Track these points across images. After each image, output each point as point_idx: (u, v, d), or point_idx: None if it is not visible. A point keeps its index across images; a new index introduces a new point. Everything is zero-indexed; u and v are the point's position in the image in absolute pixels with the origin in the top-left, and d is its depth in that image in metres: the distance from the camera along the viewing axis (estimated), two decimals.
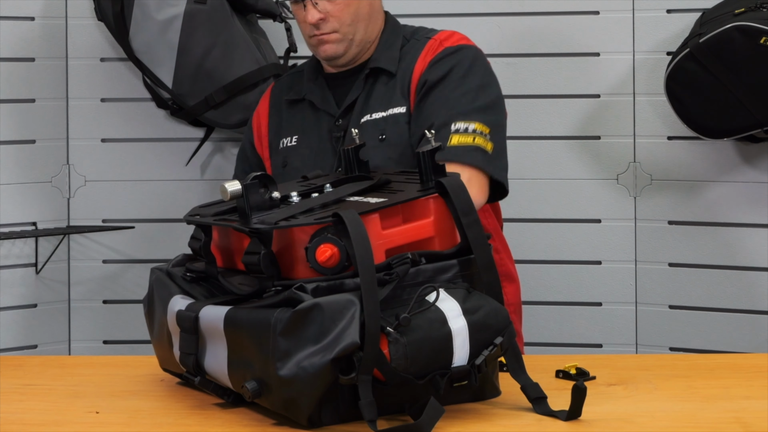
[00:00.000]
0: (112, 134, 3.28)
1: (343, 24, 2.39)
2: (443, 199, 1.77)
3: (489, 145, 2.27)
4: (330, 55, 2.41)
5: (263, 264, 1.69)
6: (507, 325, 1.71)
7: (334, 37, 2.40)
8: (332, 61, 2.44)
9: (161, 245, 3.23)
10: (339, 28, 2.39)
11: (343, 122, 2.39)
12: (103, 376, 2.03)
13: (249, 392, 1.68)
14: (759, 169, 3.08)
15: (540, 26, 3.20)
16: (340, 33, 2.39)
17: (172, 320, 1.82)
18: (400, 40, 2.44)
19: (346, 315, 1.61)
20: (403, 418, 1.68)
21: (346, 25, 2.39)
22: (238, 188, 1.77)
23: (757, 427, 1.65)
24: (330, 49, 2.40)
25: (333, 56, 2.41)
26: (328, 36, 2.39)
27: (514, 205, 3.20)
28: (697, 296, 3.14)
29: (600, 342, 3.20)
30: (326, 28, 2.39)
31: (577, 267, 3.21)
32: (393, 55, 2.42)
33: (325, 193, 1.86)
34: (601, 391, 1.85)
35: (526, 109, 3.20)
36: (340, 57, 2.42)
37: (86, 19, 3.24)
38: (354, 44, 2.41)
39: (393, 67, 2.40)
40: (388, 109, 2.36)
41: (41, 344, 3.25)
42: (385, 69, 2.40)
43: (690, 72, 2.88)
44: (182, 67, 3.02)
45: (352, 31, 2.40)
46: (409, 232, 1.75)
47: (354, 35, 2.40)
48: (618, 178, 3.18)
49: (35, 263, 3.23)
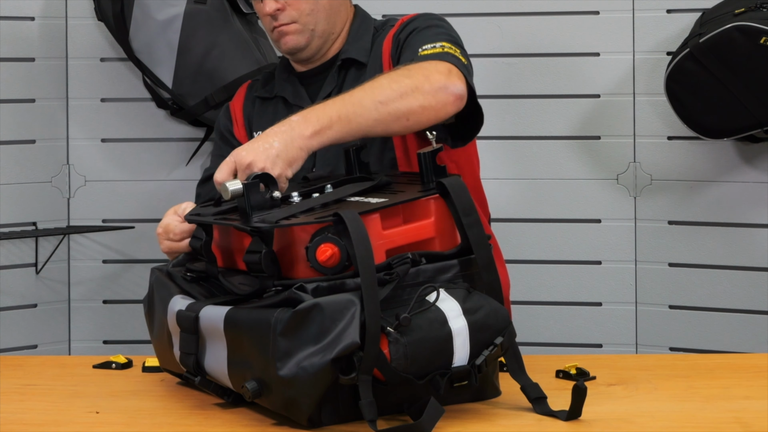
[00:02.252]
0: (112, 134, 3.28)
1: (302, 14, 2.35)
2: (444, 200, 1.77)
3: (463, 59, 2.19)
4: (291, 47, 2.37)
5: (264, 263, 1.69)
6: (507, 325, 1.72)
7: (293, 28, 2.35)
8: (295, 54, 2.39)
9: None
10: (298, 18, 2.35)
11: None
12: (103, 376, 2.03)
13: (249, 392, 1.68)
14: (759, 169, 3.08)
15: (540, 26, 3.20)
16: (300, 23, 2.35)
17: (172, 320, 1.82)
18: (371, 31, 2.40)
19: (346, 315, 1.62)
20: (403, 418, 1.68)
21: (305, 15, 2.35)
22: (239, 187, 1.77)
23: (757, 427, 1.66)
24: (291, 40, 2.36)
25: (295, 48, 2.37)
26: (287, 27, 2.35)
27: (514, 205, 3.20)
28: (697, 296, 3.14)
29: (600, 342, 3.20)
30: (284, 19, 2.35)
31: (577, 267, 3.21)
32: (364, 45, 2.37)
33: (326, 194, 1.86)
34: (601, 391, 1.85)
35: (526, 109, 3.20)
36: (303, 49, 2.37)
37: (86, 19, 3.24)
38: (316, 35, 2.37)
39: (364, 57, 2.35)
40: None
41: (41, 344, 3.25)
42: (356, 59, 2.36)
43: (690, 72, 2.88)
44: (182, 67, 3.02)
45: (313, 21, 2.36)
46: (410, 233, 1.75)
47: (315, 26, 2.36)
48: (618, 178, 3.18)
49: (35, 263, 3.23)
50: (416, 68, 2.09)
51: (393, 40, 2.32)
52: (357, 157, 1.96)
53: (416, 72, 2.07)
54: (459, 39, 2.30)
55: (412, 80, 2.04)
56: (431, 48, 2.18)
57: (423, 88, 2.04)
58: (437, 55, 2.14)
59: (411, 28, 2.31)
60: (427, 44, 2.20)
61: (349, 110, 1.99)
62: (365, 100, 2.00)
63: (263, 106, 2.44)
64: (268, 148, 1.91)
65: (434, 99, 2.05)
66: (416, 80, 2.04)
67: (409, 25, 2.33)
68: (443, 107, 2.06)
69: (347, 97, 2.02)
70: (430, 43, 2.20)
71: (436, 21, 2.33)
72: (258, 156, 1.90)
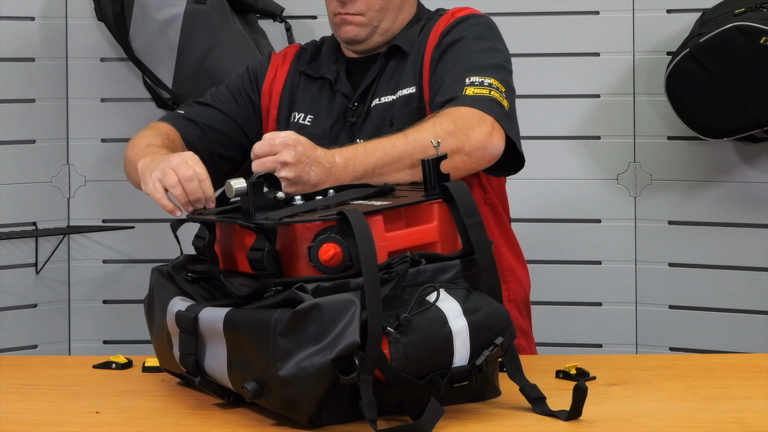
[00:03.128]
0: (112, 134, 3.29)
1: (371, 8, 2.29)
2: (447, 205, 1.77)
3: (505, 102, 2.16)
4: (351, 37, 2.31)
5: (266, 260, 1.69)
6: (507, 325, 1.71)
7: (358, 20, 2.29)
8: (352, 45, 2.34)
9: (161, 245, 3.23)
10: (366, 11, 2.29)
11: (359, 107, 2.33)
12: (103, 376, 2.03)
13: (249, 393, 1.68)
14: (759, 169, 3.08)
15: (540, 26, 3.20)
16: (366, 17, 2.29)
17: (172, 321, 1.82)
18: (423, 21, 2.35)
19: (346, 315, 1.61)
20: (403, 418, 1.68)
21: (374, 11, 2.29)
22: (244, 186, 1.77)
23: (757, 427, 1.66)
24: (352, 31, 2.30)
25: (354, 39, 2.31)
26: (352, 17, 2.29)
27: (514, 205, 3.19)
28: (697, 296, 3.15)
29: (600, 342, 3.20)
30: (352, 9, 2.29)
31: (577, 267, 3.21)
32: (412, 35, 2.32)
33: (329, 197, 1.86)
34: (601, 391, 1.85)
35: (526, 109, 3.19)
36: (361, 42, 2.32)
37: (86, 19, 3.24)
38: (378, 32, 2.31)
39: (408, 47, 2.30)
40: (397, 91, 2.28)
41: (41, 344, 3.25)
42: (400, 47, 2.31)
43: (690, 72, 2.88)
44: (182, 67, 3.03)
45: (379, 18, 2.30)
46: (413, 236, 1.75)
47: (380, 23, 2.31)
48: (618, 178, 3.18)
49: (35, 263, 3.23)
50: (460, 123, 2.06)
51: (439, 39, 2.28)
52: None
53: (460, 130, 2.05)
54: (505, 54, 2.28)
55: (456, 140, 2.03)
56: (479, 86, 2.15)
57: (463, 149, 2.04)
58: (482, 102, 2.12)
59: (458, 34, 2.27)
60: (474, 75, 2.17)
61: (385, 164, 2.00)
62: (404, 158, 2.00)
63: (307, 84, 2.38)
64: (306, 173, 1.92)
65: (471, 159, 2.06)
66: (458, 140, 2.04)
67: (456, 27, 2.28)
68: (477, 165, 2.09)
69: (389, 147, 2.01)
70: (478, 75, 2.17)
71: (484, 31, 2.29)
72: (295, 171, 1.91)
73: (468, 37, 2.25)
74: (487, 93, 2.14)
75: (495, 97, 2.14)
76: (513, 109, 2.20)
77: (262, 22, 3.19)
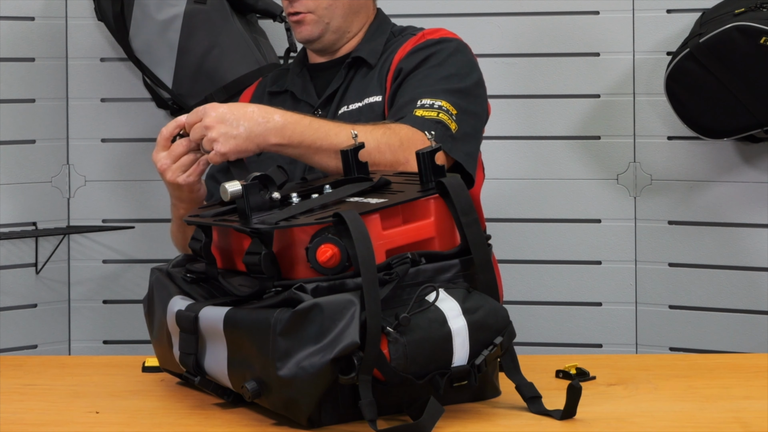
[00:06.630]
0: (112, 134, 3.29)
1: (319, 6, 2.38)
2: (443, 200, 1.77)
3: (453, 125, 2.21)
4: (305, 37, 2.41)
5: (264, 264, 1.69)
6: (507, 324, 1.72)
7: (309, 18, 2.39)
8: (308, 44, 2.44)
9: (161, 245, 3.23)
10: (315, 9, 2.38)
11: (323, 113, 2.38)
12: (103, 376, 2.03)
13: (249, 392, 1.68)
14: (759, 169, 3.08)
15: (540, 26, 3.20)
16: (316, 14, 2.39)
17: (172, 320, 1.82)
18: (387, 35, 2.44)
19: (346, 315, 1.61)
20: (402, 418, 1.68)
21: (323, 8, 2.39)
22: (239, 188, 1.77)
23: (757, 427, 1.66)
24: (305, 30, 2.40)
25: (307, 38, 2.41)
26: (303, 16, 2.39)
27: (514, 205, 3.20)
28: (697, 296, 3.14)
29: (600, 342, 3.20)
30: (300, 7, 2.39)
31: (577, 267, 3.21)
32: (376, 48, 2.41)
33: (325, 194, 1.86)
34: (601, 391, 1.85)
35: (526, 109, 3.20)
36: (315, 41, 2.41)
37: (86, 19, 3.24)
38: (330, 30, 2.40)
39: (373, 59, 2.39)
40: (364, 99, 2.35)
41: (41, 344, 3.25)
42: (365, 60, 2.39)
43: (690, 72, 2.88)
44: (182, 67, 3.03)
45: (329, 15, 2.40)
46: (410, 233, 1.75)
47: (330, 20, 2.40)
48: (618, 178, 3.18)
49: (35, 263, 3.23)
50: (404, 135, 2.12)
51: (410, 52, 2.35)
52: (355, 158, 1.96)
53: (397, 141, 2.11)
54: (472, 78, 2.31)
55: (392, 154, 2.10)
56: (428, 108, 2.22)
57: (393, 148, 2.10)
58: (426, 124, 2.17)
59: (430, 51, 2.33)
60: (426, 98, 2.23)
61: (323, 144, 2.07)
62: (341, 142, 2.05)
63: (273, 101, 2.46)
64: (234, 128, 2.01)
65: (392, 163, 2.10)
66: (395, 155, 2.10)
67: (423, 50, 2.34)
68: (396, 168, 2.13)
69: (333, 133, 2.08)
70: (430, 98, 2.23)
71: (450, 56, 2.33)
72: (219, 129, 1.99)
73: (431, 63, 2.32)
74: (435, 115, 2.21)
75: (442, 119, 2.20)
76: (466, 131, 2.24)
77: (262, 22, 3.19)
